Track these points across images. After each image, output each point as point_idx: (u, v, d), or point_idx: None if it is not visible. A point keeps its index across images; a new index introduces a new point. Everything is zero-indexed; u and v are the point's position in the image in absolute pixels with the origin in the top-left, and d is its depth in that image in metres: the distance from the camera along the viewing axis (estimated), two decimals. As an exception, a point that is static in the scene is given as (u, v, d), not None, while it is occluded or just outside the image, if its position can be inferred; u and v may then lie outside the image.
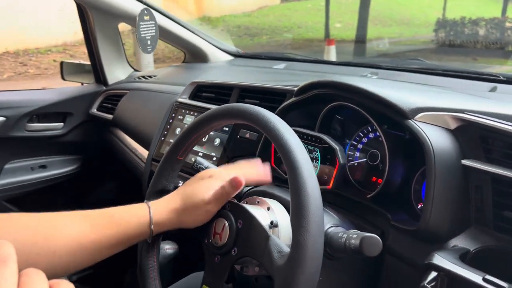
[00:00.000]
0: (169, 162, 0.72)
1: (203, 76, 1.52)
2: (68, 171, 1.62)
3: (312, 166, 0.56)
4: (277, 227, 0.65)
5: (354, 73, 1.36)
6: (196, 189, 0.67)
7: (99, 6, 1.42)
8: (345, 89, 0.75)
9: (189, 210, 0.66)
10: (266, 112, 0.60)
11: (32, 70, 6.93)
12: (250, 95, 1.04)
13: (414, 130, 0.67)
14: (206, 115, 0.68)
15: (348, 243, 0.59)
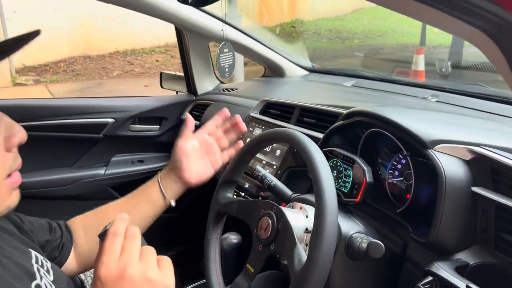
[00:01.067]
0: (238, 161, 0.93)
1: (277, 92, 1.72)
2: (161, 166, 1.90)
3: (335, 200, 0.71)
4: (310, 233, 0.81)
5: (416, 94, 1.46)
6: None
7: (193, 29, 1.68)
8: (378, 119, 0.90)
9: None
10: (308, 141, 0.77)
11: (138, 68, 7.66)
12: (308, 115, 1.21)
13: (431, 159, 0.79)
14: (264, 134, 0.88)
15: (359, 246, 0.74)
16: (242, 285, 0.83)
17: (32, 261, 0.68)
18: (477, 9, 0.49)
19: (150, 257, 0.59)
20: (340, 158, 0.94)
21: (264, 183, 0.99)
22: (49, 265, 0.72)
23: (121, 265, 0.56)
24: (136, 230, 0.60)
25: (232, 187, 0.97)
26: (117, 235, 0.59)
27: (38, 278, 0.66)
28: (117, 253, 0.58)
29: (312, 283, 0.68)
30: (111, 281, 0.56)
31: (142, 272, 0.56)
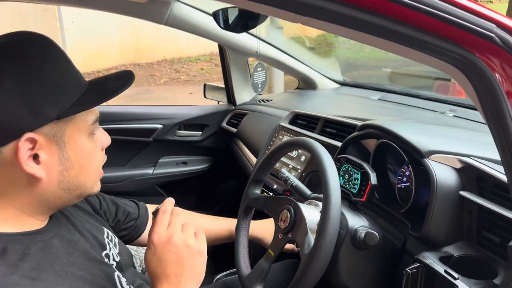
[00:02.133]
0: (266, 163, 1.11)
1: (308, 104, 1.89)
2: (202, 168, 2.12)
3: (339, 196, 0.87)
4: (322, 226, 0.98)
5: (436, 109, 1.59)
6: None
7: (234, 47, 1.89)
8: (385, 131, 1.05)
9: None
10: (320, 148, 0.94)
11: (183, 76, 8.01)
12: (330, 125, 1.37)
13: (426, 167, 0.94)
14: (289, 141, 1.06)
15: (359, 236, 0.90)
16: (264, 266, 1.00)
17: (104, 235, 0.89)
18: (451, 54, 0.66)
19: (189, 229, 0.79)
20: (351, 164, 1.10)
21: (287, 184, 1.16)
22: (116, 240, 0.92)
23: (168, 234, 0.76)
24: (180, 210, 0.80)
25: (260, 185, 1.15)
26: (166, 212, 0.79)
27: (108, 249, 0.87)
28: (165, 226, 0.78)
29: (317, 263, 0.84)
30: (160, 245, 0.76)
31: (183, 239, 0.76)
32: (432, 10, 0.63)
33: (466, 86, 0.71)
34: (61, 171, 0.72)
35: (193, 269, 0.77)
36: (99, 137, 0.80)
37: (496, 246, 0.84)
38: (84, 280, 0.74)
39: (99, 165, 0.80)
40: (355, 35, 0.69)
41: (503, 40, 0.65)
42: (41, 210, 0.75)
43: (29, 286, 0.65)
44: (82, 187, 0.77)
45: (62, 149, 0.72)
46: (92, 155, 0.77)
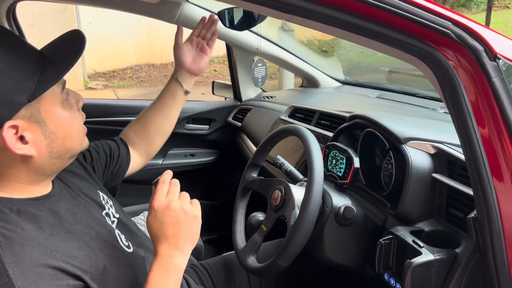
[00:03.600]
0: (262, 148, 1.23)
1: (309, 100, 2.00)
2: (209, 160, 2.24)
3: (322, 174, 0.99)
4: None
5: (428, 106, 1.68)
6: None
7: (240, 45, 2.01)
8: (369, 121, 1.16)
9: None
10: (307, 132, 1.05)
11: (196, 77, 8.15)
12: (325, 118, 1.48)
13: (403, 152, 1.04)
14: (280, 128, 1.17)
15: (340, 211, 1.01)
16: (257, 239, 1.12)
17: (100, 198, 1.02)
18: (415, 47, 0.76)
19: (186, 197, 0.90)
20: (338, 150, 1.21)
21: (282, 169, 1.28)
22: (111, 202, 1.05)
23: (167, 200, 0.87)
24: (176, 180, 0.92)
25: (256, 169, 1.27)
26: (165, 182, 0.90)
27: (107, 208, 1.00)
28: (165, 193, 0.88)
29: (301, 232, 0.96)
30: (160, 210, 0.86)
31: (181, 205, 0.87)
32: (397, 10, 0.74)
33: (428, 74, 0.82)
34: (48, 143, 0.82)
35: (189, 231, 0.88)
36: (71, 101, 0.88)
37: (461, 221, 0.94)
38: (90, 236, 0.87)
39: (80, 125, 0.91)
40: (333, 31, 0.81)
41: (458, 36, 0.76)
42: (42, 179, 0.86)
43: (45, 239, 0.78)
44: (72, 150, 0.88)
45: (42, 125, 0.81)
46: (71, 120, 0.87)
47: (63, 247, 0.79)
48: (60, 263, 0.76)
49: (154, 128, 1.27)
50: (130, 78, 7.93)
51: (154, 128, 1.27)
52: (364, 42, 0.81)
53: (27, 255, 0.74)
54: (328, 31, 0.81)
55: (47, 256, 0.76)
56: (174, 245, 0.86)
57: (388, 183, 1.18)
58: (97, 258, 0.84)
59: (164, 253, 0.85)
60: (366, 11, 0.74)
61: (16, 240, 0.74)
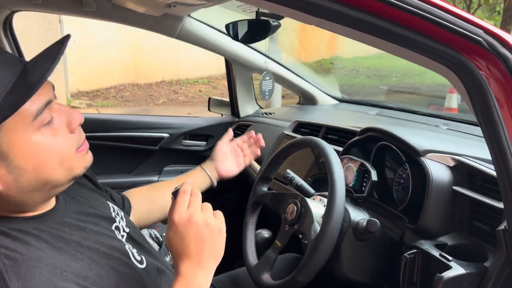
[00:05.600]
0: (274, 161, 1.20)
1: (308, 116, 1.98)
2: (204, 178, 2.19)
3: (344, 186, 0.96)
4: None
5: (430, 123, 1.69)
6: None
7: (240, 61, 2.00)
8: (384, 133, 1.14)
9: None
10: (325, 144, 1.03)
11: (182, 97, 8.11)
12: (332, 132, 1.47)
13: (422, 165, 1.03)
14: (295, 140, 1.14)
15: (362, 225, 0.98)
16: (271, 256, 1.07)
17: (111, 210, 0.95)
18: (445, 55, 0.75)
19: (208, 209, 0.84)
20: (353, 163, 1.18)
21: (292, 183, 1.25)
22: (122, 214, 0.99)
23: (189, 213, 0.80)
24: (198, 190, 0.87)
25: (267, 182, 1.23)
26: (186, 193, 0.83)
27: (117, 221, 0.93)
28: (186, 205, 0.82)
29: (323, 247, 0.92)
30: (182, 224, 0.80)
31: (203, 218, 0.81)
32: (428, 16, 0.73)
33: (456, 83, 0.81)
34: (15, 178, 0.70)
35: (213, 247, 0.81)
36: (58, 123, 0.75)
37: (486, 234, 0.92)
38: (100, 253, 0.80)
39: (69, 151, 0.77)
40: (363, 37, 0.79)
41: (490, 44, 0.75)
42: (30, 205, 0.76)
43: (53, 258, 0.71)
44: (52, 181, 0.75)
45: (5, 160, 0.69)
46: (48, 148, 0.72)
47: (73, 266, 0.73)
48: (71, 285, 0.70)
49: (161, 203, 1.22)
50: (114, 98, 7.86)
51: (161, 204, 1.22)
52: (394, 50, 0.80)
53: (36, 278, 0.67)
54: (357, 37, 0.79)
55: (57, 278, 0.69)
56: (197, 263, 0.80)
57: (402, 197, 1.16)
58: (108, 278, 0.78)
59: (187, 272, 0.79)
60: (399, 16, 0.72)
61: (22, 261, 0.67)
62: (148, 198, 1.23)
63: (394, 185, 1.20)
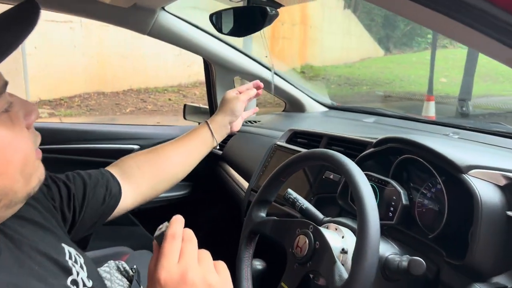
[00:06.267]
0: (274, 180, 0.96)
1: (299, 124, 1.76)
2: (180, 195, 1.93)
3: (377, 214, 0.73)
4: (346, 253, 0.83)
5: (438, 131, 1.50)
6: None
7: (221, 63, 1.76)
8: (413, 145, 0.93)
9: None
10: (347, 159, 0.80)
11: (150, 106, 7.81)
12: (336, 143, 1.24)
13: (466, 184, 0.81)
14: (303, 154, 0.91)
15: (399, 265, 0.76)
16: (277, 304, 0.83)
17: (66, 257, 0.68)
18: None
19: (208, 261, 0.59)
20: (374, 181, 0.96)
21: (295, 206, 1.01)
22: (82, 261, 0.72)
23: (182, 268, 0.56)
24: (191, 232, 0.62)
25: (266, 206, 0.99)
26: (176, 237, 0.59)
27: (75, 273, 0.67)
28: (176, 256, 0.57)
29: (355, 296, 0.69)
30: (172, 285, 0.55)
31: (202, 276, 0.57)
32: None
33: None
34: None
35: None
36: (16, 114, 0.57)
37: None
38: None
39: (28, 152, 0.58)
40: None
41: None
42: None
43: None
44: (10, 193, 0.56)
45: None
46: (10, 146, 0.55)
47: None
48: None
49: (169, 168, 1.04)
50: (79, 107, 7.47)
51: (170, 168, 1.04)
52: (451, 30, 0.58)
53: None
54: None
55: None
56: None
57: (431, 222, 0.95)
58: None
59: None
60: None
61: None
62: (151, 165, 1.02)
63: (417, 207, 0.99)
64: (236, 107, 1.15)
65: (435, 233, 0.90)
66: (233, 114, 1.16)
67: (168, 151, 1.05)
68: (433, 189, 0.98)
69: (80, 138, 1.68)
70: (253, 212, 0.98)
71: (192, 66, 9.09)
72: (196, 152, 1.12)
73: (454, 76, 11.96)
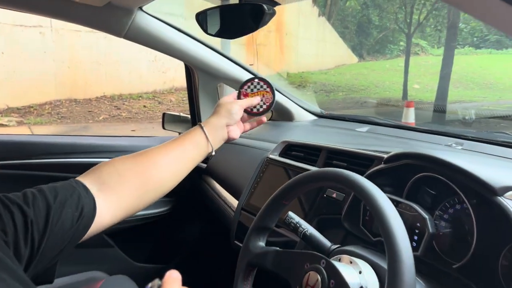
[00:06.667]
0: (275, 204, 0.83)
1: (289, 135, 1.64)
2: (159, 212, 1.77)
3: (409, 242, 0.61)
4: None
5: (438, 142, 1.40)
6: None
7: (204, 68, 1.62)
8: (436, 163, 0.81)
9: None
10: (369, 183, 0.68)
11: (124, 113, 7.59)
12: (338, 157, 1.12)
13: (503, 207, 0.70)
14: (313, 173, 0.78)
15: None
16: None
17: None
18: None
19: None
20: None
21: (298, 232, 0.88)
22: None
23: None
24: (180, 277, 0.48)
25: (265, 234, 0.86)
26: None
27: None
28: None
29: None
30: None
31: None
32: None
33: None
34: None
35: None
36: None
37: None
38: None
39: None
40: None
41: None
42: None
43: None
44: None
45: None
46: None
47: None
48: None
49: (157, 175, 0.87)
50: (49, 114, 7.18)
51: (158, 176, 0.87)
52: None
53: None
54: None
55: None
56: None
57: (451, 249, 0.84)
58: None
59: None
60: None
61: None
62: (136, 172, 0.84)
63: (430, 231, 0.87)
64: (232, 109, 0.99)
65: (461, 263, 0.78)
66: (230, 116, 0.99)
67: (156, 155, 0.88)
68: (451, 210, 0.87)
69: (45, 151, 1.50)
70: (250, 241, 0.84)
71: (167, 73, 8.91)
72: (189, 158, 0.95)
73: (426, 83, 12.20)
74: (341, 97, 11.44)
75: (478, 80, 12.83)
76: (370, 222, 0.87)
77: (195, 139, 0.95)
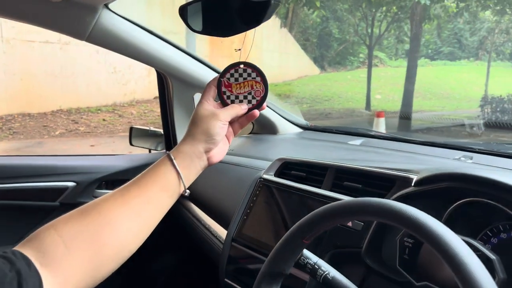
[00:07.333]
0: (292, 243, 0.65)
1: (278, 150, 1.47)
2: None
3: None
4: None
5: (445, 155, 1.27)
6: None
7: (179, 76, 1.43)
8: (486, 185, 0.66)
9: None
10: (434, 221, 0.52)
11: (83, 127, 7.23)
12: (349, 178, 0.95)
13: None
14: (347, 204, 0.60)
15: None
16: None
17: None
18: None
19: None
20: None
21: (317, 275, 0.70)
22: None
23: None
24: None
25: (279, 282, 0.67)
26: None
27: None
28: None
29: None
30: None
31: None
32: None
33: None
34: None
35: None
36: None
37: None
38: None
39: None
40: None
41: None
42: None
43: None
44: None
45: None
46: None
47: None
48: None
49: (115, 240, 0.65)
50: (0, 130, 6.71)
51: (116, 240, 0.65)
52: None
53: None
54: None
55: None
56: None
57: None
58: None
59: None
60: None
61: None
62: (86, 239, 0.62)
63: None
64: (212, 129, 0.72)
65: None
66: (210, 140, 0.72)
67: (110, 210, 0.64)
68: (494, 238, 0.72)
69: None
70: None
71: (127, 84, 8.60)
72: (156, 207, 0.70)
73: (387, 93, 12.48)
74: (306, 108, 11.48)
75: (435, 91, 13.26)
76: (411, 262, 0.70)
77: (163, 179, 0.71)
